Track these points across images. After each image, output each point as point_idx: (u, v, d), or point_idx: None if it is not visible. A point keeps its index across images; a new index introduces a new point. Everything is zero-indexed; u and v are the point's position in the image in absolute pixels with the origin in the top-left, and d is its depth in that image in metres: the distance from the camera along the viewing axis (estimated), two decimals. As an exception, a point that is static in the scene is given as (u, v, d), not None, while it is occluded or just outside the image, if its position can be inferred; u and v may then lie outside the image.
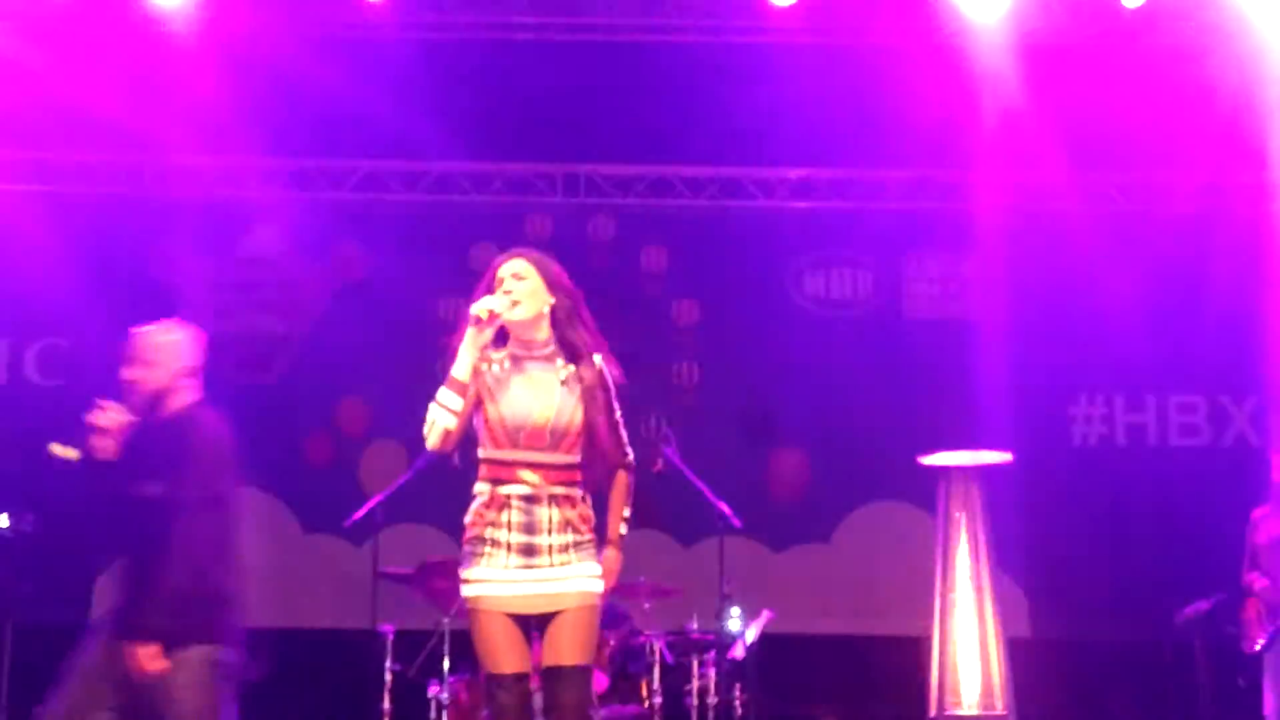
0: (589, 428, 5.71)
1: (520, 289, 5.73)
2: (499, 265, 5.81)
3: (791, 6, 10.03)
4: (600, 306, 6.14)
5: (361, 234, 11.57)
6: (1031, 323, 11.35)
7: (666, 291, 11.71)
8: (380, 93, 10.57)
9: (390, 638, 8.79)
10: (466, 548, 5.76)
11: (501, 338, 5.79)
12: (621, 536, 5.83)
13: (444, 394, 5.75)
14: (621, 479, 5.87)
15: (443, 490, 9.62)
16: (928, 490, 9.70)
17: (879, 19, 10.33)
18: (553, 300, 5.77)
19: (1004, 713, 9.30)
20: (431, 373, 10.79)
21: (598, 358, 5.78)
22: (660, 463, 8.96)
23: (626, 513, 5.86)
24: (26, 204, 11.18)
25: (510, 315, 5.71)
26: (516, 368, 5.77)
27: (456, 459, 6.04)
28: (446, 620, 8.57)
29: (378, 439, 11.38)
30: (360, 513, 8.90)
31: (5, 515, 9.15)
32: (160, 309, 11.00)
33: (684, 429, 10.06)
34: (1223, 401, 11.70)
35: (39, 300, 11.27)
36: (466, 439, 5.85)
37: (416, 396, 10.73)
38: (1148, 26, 10.17)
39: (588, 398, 5.71)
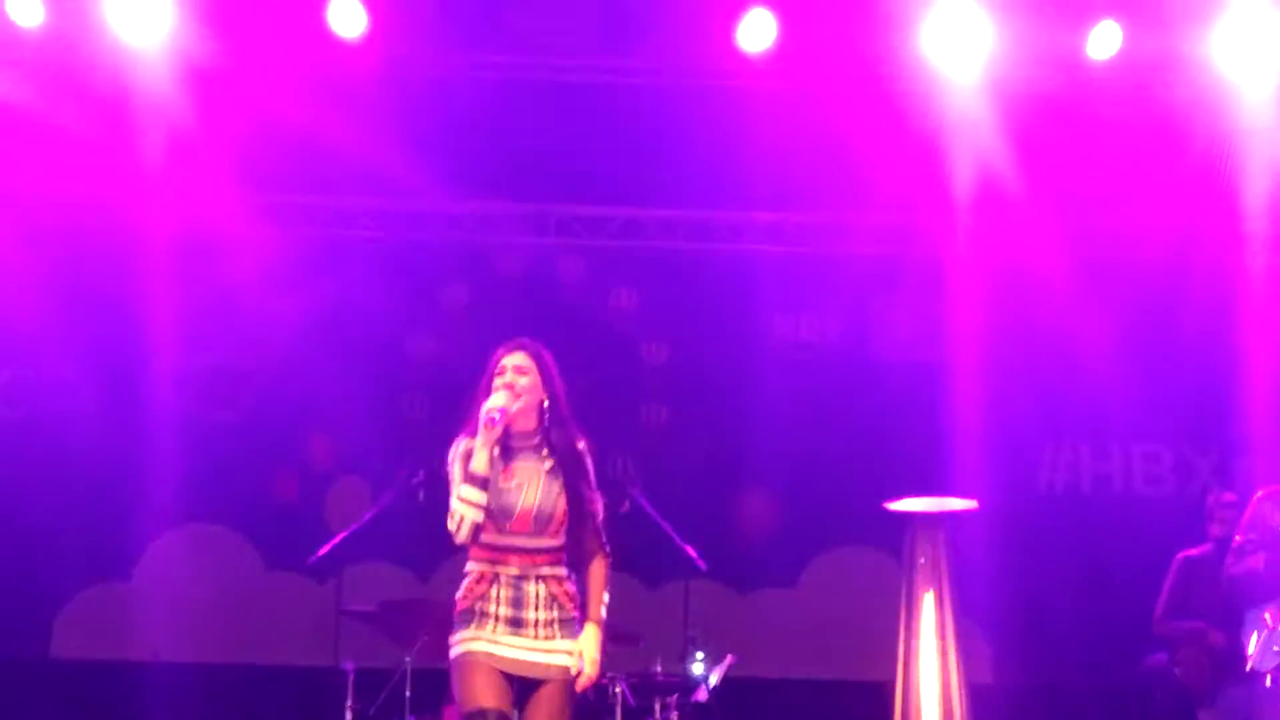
0: (575, 509, 6.00)
1: (522, 383, 6.04)
2: (501, 356, 6.10)
3: (763, 52, 10.06)
4: (569, 346, 6.25)
5: (332, 270, 11.53)
6: (1000, 369, 11.36)
7: (636, 332, 11.70)
8: (353, 130, 10.57)
9: (351, 676, 8.74)
10: (457, 620, 6.07)
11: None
12: (602, 620, 6.07)
13: (467, 490, 5.98)
14: (600, 566, 6.11)
15: (407, 529, 9.69)
16: (894, 535, 9.69)
17: (849, 65, 10.34)
18: (547, 396, 6.08)
19: (966, 758, 9.28)
20: (399, 411, 10.93)
21: (581, 444, 6.10)
22: (627, 504, 8.97)
23: (606, 598, 6.09)
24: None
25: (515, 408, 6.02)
26: (505, 458, 6.05)
27: (422, 496, 6.30)
28: (408, 659, 8.54)
29: (344, 476, 11.34)
30: (324, 550, 8.86)
31: None
32: (129, 341, 11.13)
33: (651, 470, 10.06)
34: (1187, 452, 11.74)
35: (3, 330, 11.22)
36: (439, 483, 6.01)
37: (384, 434, 10.81)
38: (1121, 77, 10.22)
39: (572, 485, 6.01)
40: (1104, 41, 9.94)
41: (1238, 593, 8.80)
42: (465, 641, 6.01)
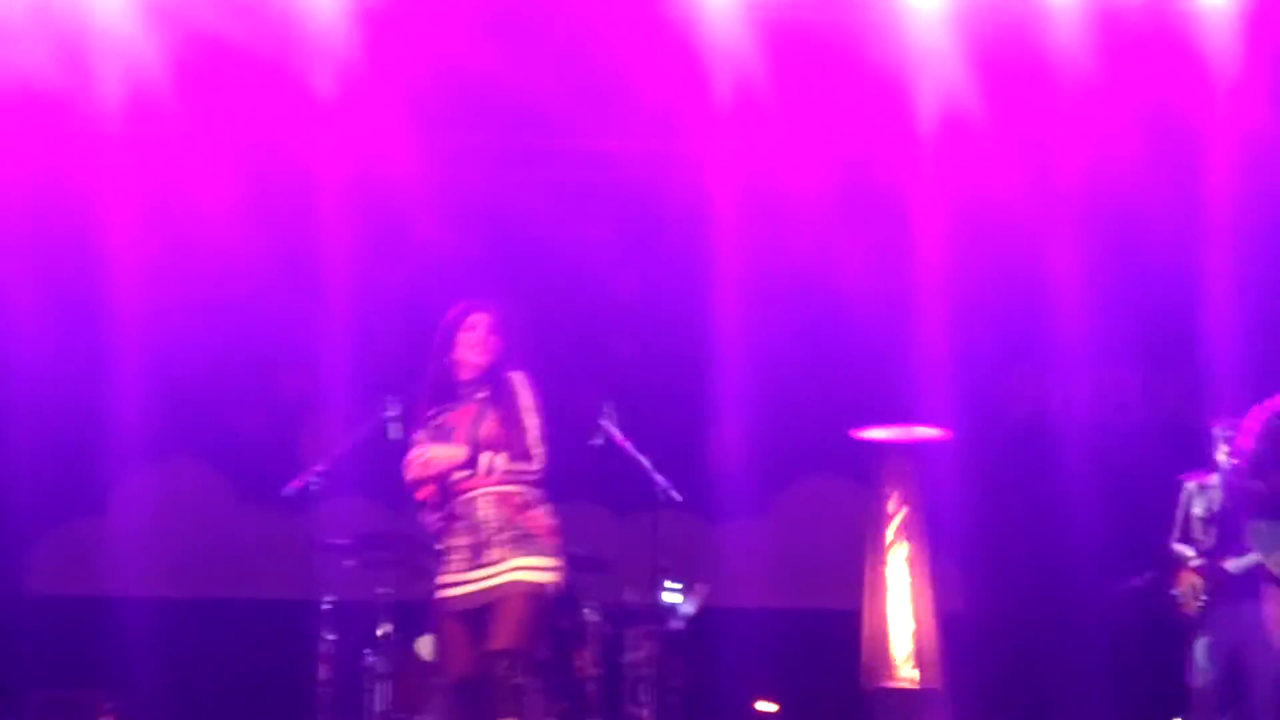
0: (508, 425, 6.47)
1: (477, 336, 6.60)
2: (468, 312, 6.66)
3: None
4: (543, 280, 6.39)
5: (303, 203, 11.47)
6: (966, 297, 11.38)
7: (607, 264, 11.66)
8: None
9: (327, 608, 8.79)
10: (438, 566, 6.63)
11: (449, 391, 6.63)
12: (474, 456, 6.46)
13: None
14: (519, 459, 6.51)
15: (378, 461, 9.69)
16: (864, 464, 9.75)
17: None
18: (503, 349, 6.62)
19: (936, 686, 9.38)
20: (373, 343, 10.89)
21: (514, 374, 6.59)
22: (600, 437, 9.00)
23: (496, 460, 6.46)
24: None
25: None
26: (451, 402, 6.67)
27: (395, 430, 6.52)
28: (382, 591, 8.59)
29: (317, 408, 11.33)
30: (296, 482, 8.88)
31: None
32: (89, 281, 11.05)
33: (622, 403, 10.06)
34: (1156, 378, 11.79)
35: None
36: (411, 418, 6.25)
37: (357, 365, 10.78)
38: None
39: (504, 406, 6.50)
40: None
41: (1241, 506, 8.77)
42: (436, 589, 6.47)
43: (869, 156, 11.38)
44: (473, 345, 6.55)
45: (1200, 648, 8.62)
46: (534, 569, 6.36)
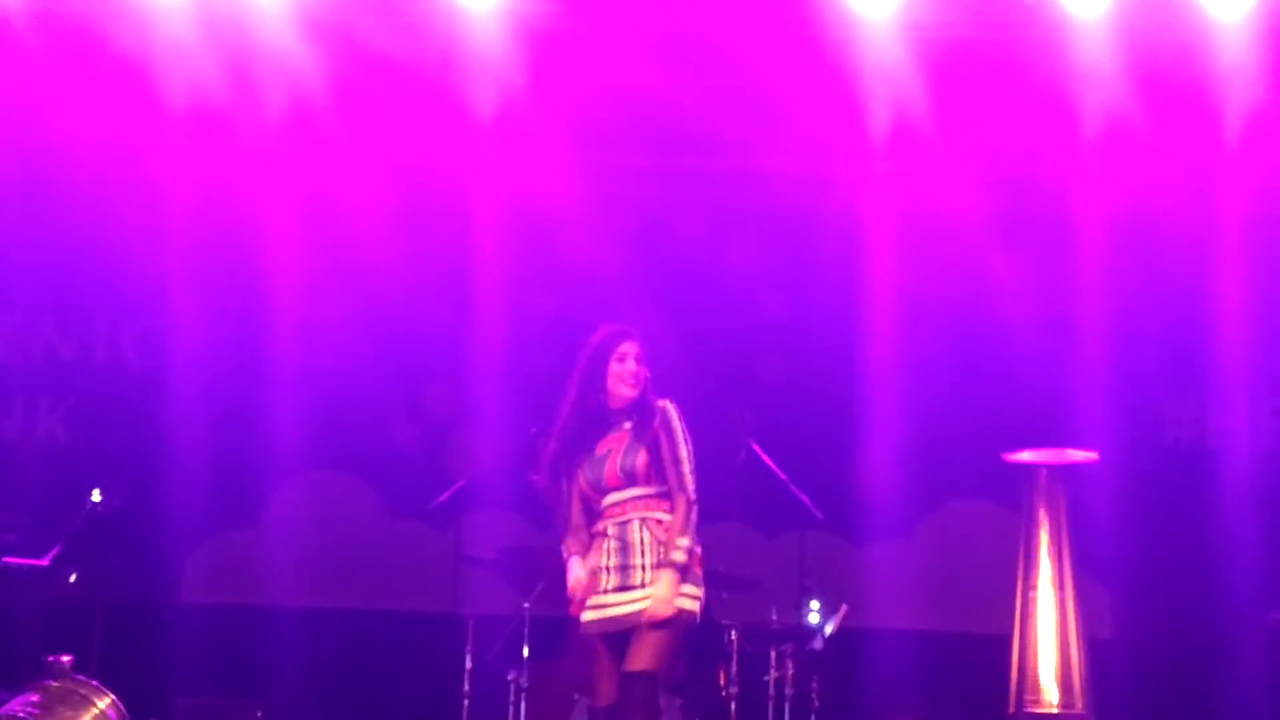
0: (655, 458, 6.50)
1: (632, 368, 6.60)
2: (619, 341, 6.65)
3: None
4: (695, 299, 6.42)
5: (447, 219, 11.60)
6: (1128, 323, 11.26)
7: (755, 284, 11.67)
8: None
9: (471, 622, 8.86)
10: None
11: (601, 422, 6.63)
12: (675, 562, 6.41)
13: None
14: (680, 506, 6.49)
15: (525, 478, 9.74)
16: (1013, 488, 9.64)
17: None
18: (648, 377, 6.62)
19: (1084, 712, 9.25)
20: (521, 362, 10.97)
21: (662, 403, 6.58)
22: (743, 454, 9.02)
23: (683, 541, 6.42)
24: (124, 189, 11.29)
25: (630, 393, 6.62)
26: (600, 431, 6.65)
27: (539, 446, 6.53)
28: (526, 606, 8.64)
29: (465, 424, 11.44)
30: (444, 496, 8.97)
31: (98, 490, 9.29)
32: (254, 290, 11.27)
33: (768, 423, 10.07)
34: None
35: (137, 283, 11.42)
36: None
37: (506, 382, 10.86)
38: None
39: (651, 438, 6.52)
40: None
41: None
42: (586, 609, 6.48)
43: (1026, 176, 11.30)
44: (624, 377, 6.55)
45: None
46: (678, 595, 6.40)
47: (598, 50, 10.20)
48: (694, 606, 6.47)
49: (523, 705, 8.74)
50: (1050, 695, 9.28)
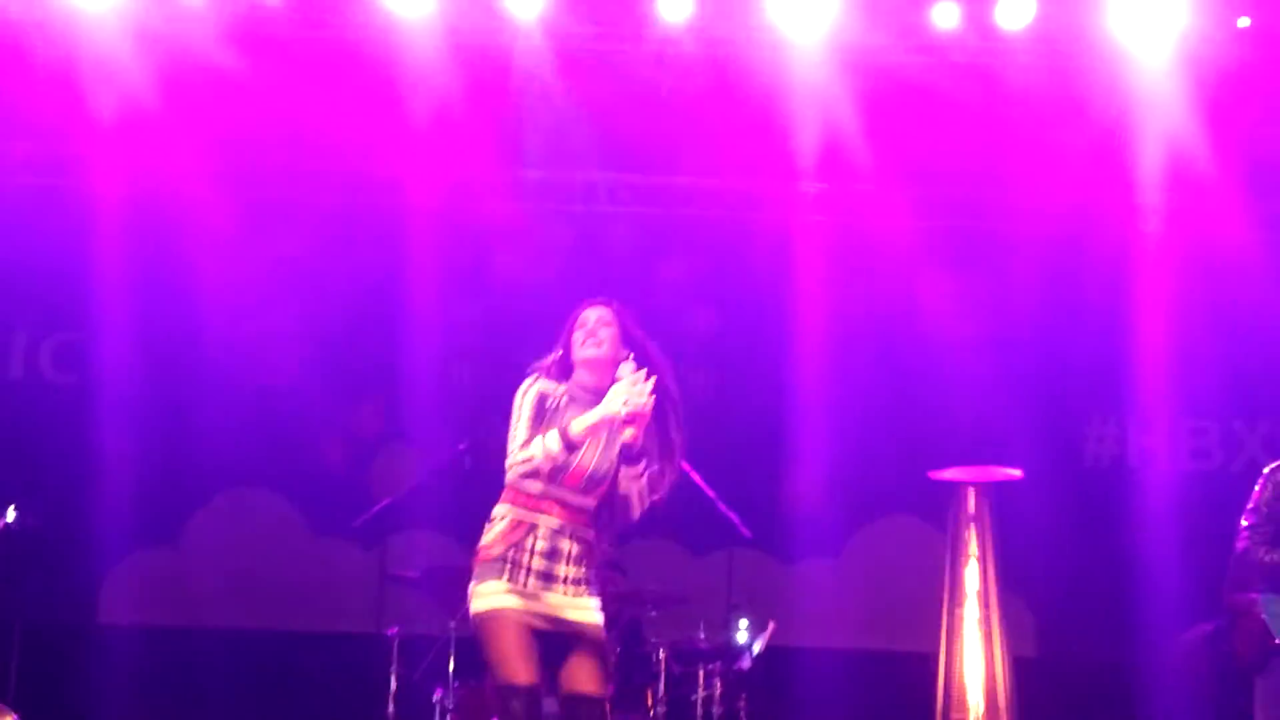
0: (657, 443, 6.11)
1: (607, 335, 6.08)
2: (583, 309, 6.15)
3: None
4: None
5: (380, 238, 11.55)
6: (1053, 340, 11.34)
7: (684, 301, 11.67)
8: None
9: (396, 642, 8.79)
10: (483, 568, 5.96)
11: (565, 371, 6.12)
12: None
13: (554, 442, 5.93)
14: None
15: (452, 496, 9.71)
16: (939, 506, 9.67)
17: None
18: (627, 352, 6.08)
19: (1009, 730, 9.27)
20: (447, 378, 10.92)
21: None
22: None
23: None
24: (45, 198, 11.20)
25: (598, 354, 6.07)
26: (574, 408, 6.03)
27: (468, 464, 6.28)
28: (453, 625, 8.58)
29: (391, 442, 11.36)
30: (368, 515, 8.90)
31: (12, 508, 9.14)
32: (168, 309, 11.17)
33: (697, 439, 10.01)
34: (1235, 427, 11.69)
35: (53, 295, 11.29)
36: (486, 451, 5.99)
37: (431, 401, 10.81)
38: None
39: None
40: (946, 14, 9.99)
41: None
42: (494, 595, 5.88)
43: (954, 197, 11.39)
44: (584, 343, 6.12)
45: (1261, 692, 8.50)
46: (600, 611, 6.06)
47: (527, 65, 10.21)
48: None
49: (447, 725, 8.67)
50: (976, 712, 9.30)
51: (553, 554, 5.93)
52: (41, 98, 10.40)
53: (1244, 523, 7.99)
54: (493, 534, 5.98)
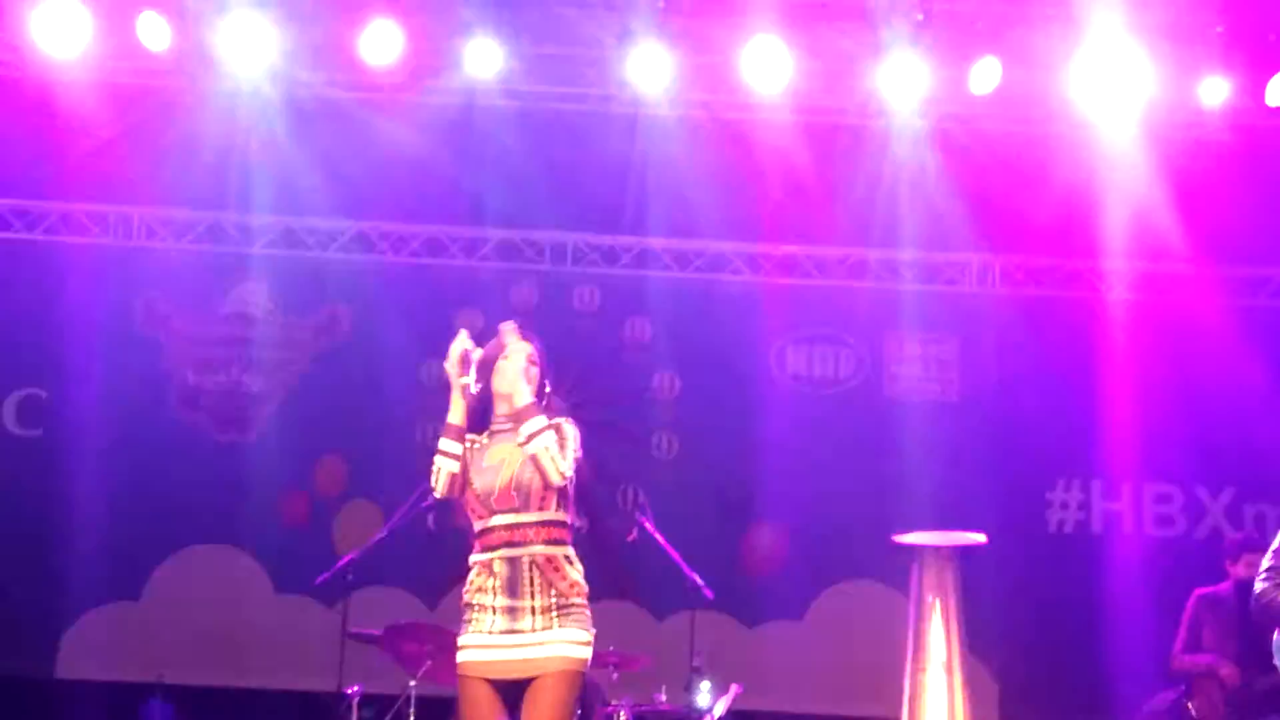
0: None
1: (525, 363, 6.06)
2: (506, 340, 6.12)
3: (782, 88, 10.12)
4: (581, 375, 6.28)
5: (347, 294, 11.57)
6: (1012, 407, 11.38)
7: (648, 362, 11.70)
8: (373, 156, 10.69)
9: (356, 699, 8.74)
10: (462, 618, 6.02)
11: (483, 420, 6.08)
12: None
13: (443, 442, 6.03)
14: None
15: (415, 554, 9.67)
16: (903, 570, 9.67)
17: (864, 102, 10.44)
18: (541, 384, 6.09)
19: (971, 796, 9.25)
20: (410, 436, 10.92)
21: (559, 421, 6.02)
22: (635, 532, 8.99)
23: (541, 445, 5.89)
24: (7, 250, 11.21)
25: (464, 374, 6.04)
26: (491, 442, 6.07)
27: (431, 521, 6.26)
28: (413, 684, 8.54)
29: (354, 499, 11.33)
30: (330, 572, 8.85)
31: None
32: (143, 362, 11.18)
33: (661, 500, 10.03)
34: (1198, 494, 11.71)
35: (18, 350, 11.26)
36: (448, 508, 6.00)
37: (394, 458, 10.81)
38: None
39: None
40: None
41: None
42: (461, 650, 5.95)
43: (924, 260, 11.47)
44: (504, 371, 6.13)
45: None
46: (573, 643, 5.89)
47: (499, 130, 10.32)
48: (589, 655, 6.00)
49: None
50: (939, 778, 9.28)
51: (513, 588, 5.90)
52: (6, 154, 10.41)
53: (1265, 565, 7.92)
54: (466, 585, 6.02)
